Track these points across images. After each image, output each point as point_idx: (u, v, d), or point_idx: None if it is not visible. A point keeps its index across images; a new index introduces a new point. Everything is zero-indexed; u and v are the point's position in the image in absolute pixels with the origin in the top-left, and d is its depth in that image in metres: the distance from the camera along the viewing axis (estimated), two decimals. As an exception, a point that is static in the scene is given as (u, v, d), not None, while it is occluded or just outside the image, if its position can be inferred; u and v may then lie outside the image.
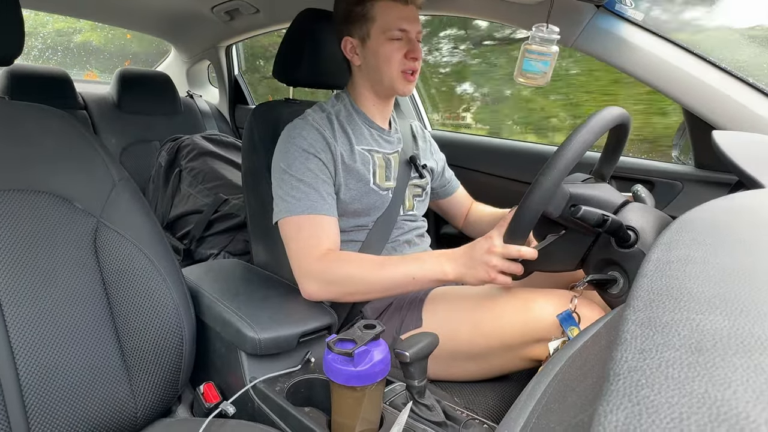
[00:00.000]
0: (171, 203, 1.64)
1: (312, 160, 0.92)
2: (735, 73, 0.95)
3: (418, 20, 0.97)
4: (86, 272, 0.74)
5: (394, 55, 0.95)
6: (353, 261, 0.88)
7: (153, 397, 0.76)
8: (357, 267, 0.86)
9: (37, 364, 0.67)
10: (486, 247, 0.78)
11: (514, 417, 0.32)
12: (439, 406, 0.71)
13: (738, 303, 0.24)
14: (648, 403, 0.19)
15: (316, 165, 0.92)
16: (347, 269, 0.86)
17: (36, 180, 0.73)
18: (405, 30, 0.94)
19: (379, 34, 0.95)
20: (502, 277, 0.79)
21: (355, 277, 0.85)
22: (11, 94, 1.74)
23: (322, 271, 0.87)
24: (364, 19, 0.95)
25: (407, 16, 0.94)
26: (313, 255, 0.87)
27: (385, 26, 0.94)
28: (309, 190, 0.90)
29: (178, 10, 2.04)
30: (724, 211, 0.41)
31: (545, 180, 0.70)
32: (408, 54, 0.95)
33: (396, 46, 0.95)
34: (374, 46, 0.96)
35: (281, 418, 0.74)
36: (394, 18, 0.94)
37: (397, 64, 0.95)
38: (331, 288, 0.87)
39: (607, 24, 1.01)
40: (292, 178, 0.91)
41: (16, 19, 0.77)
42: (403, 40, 0.95)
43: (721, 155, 0.72)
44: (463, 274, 0.81)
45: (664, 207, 1.09)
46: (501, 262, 0.77)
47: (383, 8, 0.94)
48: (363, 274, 0.85)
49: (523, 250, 0.76)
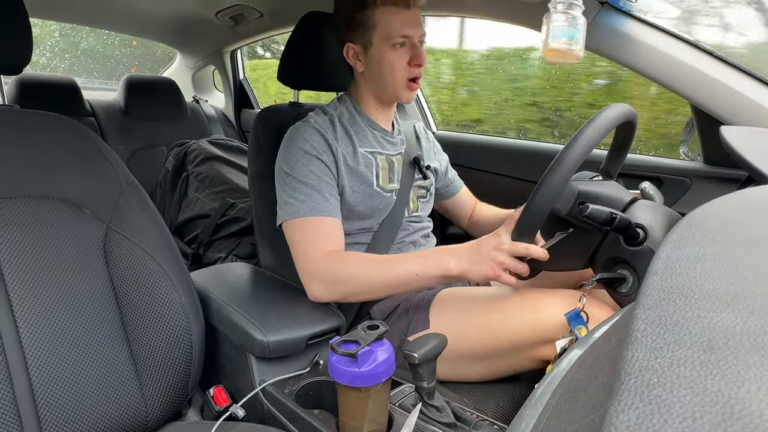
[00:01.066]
0: (179, 208, 1.65)
1: (314, 162, 0.92)
2: (743, 68, 0.94)
3: (420, 24, 0.95)
4: (96, 278, 0.74)
5: (398, 63, 0.94)
6: (356, 260, 0.88)
7: (163, 400, 0.77)
8: (360, 266, 0.86)
9: (49, 369, 0.68)
10: (494, 244, 0.78)
11: (524, 418, 0.31)
12: (449, 407, 0.71)
13: (750, 300, 0.24)
14: (660, 402, 0.18)
15: (318, 167, 0.92)
16: (350, 269, 0.86)
17: (45, 187, 0.74)
18: (408, 36, 0.93)
19: (381, 42, 0.94)
20: (507, 276, 0.78)
21: (358, 277, 0.85)
22: (21, 103, 1.76)
23: (326, 272, 0.87)
24: (365, 27, 0.94)
25: (409, 22, 0.93)
26: (317, 256, 0.87)
27: (387, 33, 0.93)
28: (312, 191, 0.90)
29: (184, 16, 2.05)
30: (734, 207, 0.40)
31: (553, 177, 0.69)
32: (412, 61, 0.94)
33: (399, 54, 0.94)
34: (377, 53, 0.95)
35: (290, 420, 0.74)
36: (396, 24, 0.92)
37: (401, 72, 0.95)
38: (335, 288, 0.87)
39: (612, 20, 1.00)
40: (295, 180, 0.91)
41: (24, 29, 0.78)
42: (406, 46, 0.94)
43: (729, 151, 0.71)
44: (467, 270, 0.80)
45: (673, 204, 1.08)
46: (508, 260, 0.77)
47: (385, 15, 0.92)
48: (366, 273, 0.85)
49: (531, 248, 0.75)
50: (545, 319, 0.80)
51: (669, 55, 0.96)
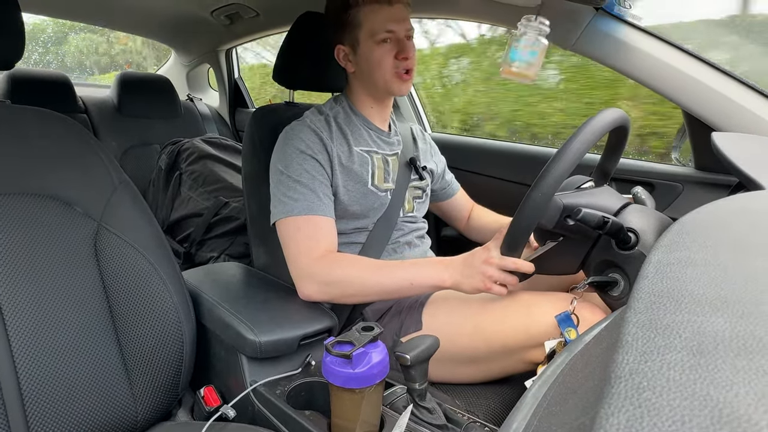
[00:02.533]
0: (171, 206, 1.64)
1: (309, 161, 0.92)
2: (734, 75, 0.95)
3: (406, 19, 0.96)
4: (87, 276, 0.74)
5: (385, 58, 0.95)
6: (352, 263, 0.88)
7: (153, 400, 0.76)
8: (355, 270, 0.86)
9: (38, 368, 0.67)
10: (484, 258, 0.80)
11: (515, 420, 0.31)
12: (440, 408, 0.71)
13: (739, 305, 0.24)
14: (649, 405, 0.18)
15: (313, 166, 0.92)
16: (345, 271, 0.86)
17: (36, 184, 0.74)
18: (392, 31, 0.94)
19: (367, 39, 0.94)
20: (497, 288, 0.80)
21: (353, 280, 0.86)
22: (12, 98, 1.74)
23: (321, 273, 0.87)
24: (351, 26, 0.95)
25: (393, 17, 0.94)
26: (312, 256, 0.88)
27: (372, 30, 0.94)
28: (306, 191, 0.90)
29: (179, 14, 2.04)
30: (725, 212, 0.41)
31: (536, 195, 0.69)
32: (398, 55, 0.95)
33: (385, 49, 0.94)
34: (364, 51, 0.96)
35: (282, 421, 0.74)
36: (380, 20, 0.93)
37: (388, 66, 0.95)
38: (328, 289, 0.87)
39: (606, 26, 1.01)
40: (289, 179, 0.91)
41: (16, 23, 0.77)
42: (392, 41, 0.95)
43: (721, 157, 0.72)
44: (460, 282, 0.82)
45: (665, 209, 1.09)
46: (498, 274, 0.79)
47: (368, 12, 0.93)
48: (361, 276, 0.85)
49: (519, 262, 0.77)
50: (538, 321, 0.80)
51: (662, 62, 0.97)
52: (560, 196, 0.76)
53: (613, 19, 1.01)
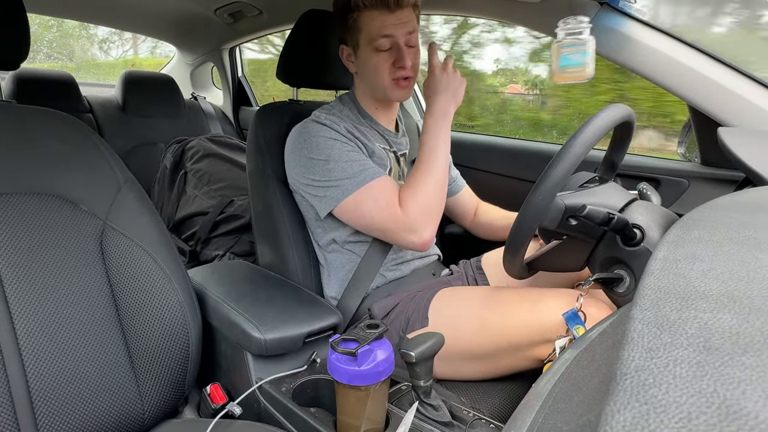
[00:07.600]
0: (176, 205, 1.65)
1: (346, 144, 0.93)
2: (741, 70, 0.94)
3: (407, 24, 0.93)
4: (93, 274, 0.74)
5: (381, 66, 0.94)
6: (413, 185, 0.91)
7: (160, 398, 0.77)
8: (421, 187, 0.89)
9: (46, 366, 0.67)
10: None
11: (520, 417, 0.31)
12: (446, 406, 0.71)
13: (746, 301, 0.24)
14: (656, 402, 0.18)
15: (352, 147, 0.93)
16: (422, 196, 0.89)
17: (42, 183, 0.74)
18: (391, 36, 0.92)
19: (366, 45, 0.94)
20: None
21: (426, 191, 0.89)
22: (18, 98, 1.76)
23: (414, 212, 0.88)
24: (353, 29, 0.95)
25: (392, 24, 0.91)
26: (399, 211, 0.89)
27: (370, 36, 0.92)
28: (363, 159, 0.92)
29: (182, 12, 2.05)
30: (731, 208, 0.40)
31: (536, 198, 0.68)
32: (395, 63, 0.93)
33: (383, 57, 0.93)
34: (363, 56, 0.95)
35: (287, 418, 0.74)
36: (378, 26, 0.91)
37: (386, 74, 0.94)
38: (427, 218, 0.89)
39: (611, 21, 1.00)
40: (340, 161, 0.91)
41: (21, 23, 0.78)
42: (390, 49, 0.93)
43: (727, 152, 0.71)
44: (447, 99, 0.94)
45: (671, 205, 1.08)
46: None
47: (368, 18, 0.92)
48: (425, 183, 0.90)
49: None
50: (544, 318, 0.80)
51: (667, 56, 0.96)
52: (563, 196, 0.75)
53: (617, 13, 1.00)
